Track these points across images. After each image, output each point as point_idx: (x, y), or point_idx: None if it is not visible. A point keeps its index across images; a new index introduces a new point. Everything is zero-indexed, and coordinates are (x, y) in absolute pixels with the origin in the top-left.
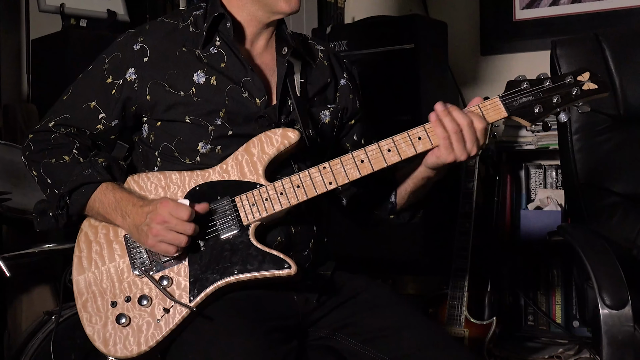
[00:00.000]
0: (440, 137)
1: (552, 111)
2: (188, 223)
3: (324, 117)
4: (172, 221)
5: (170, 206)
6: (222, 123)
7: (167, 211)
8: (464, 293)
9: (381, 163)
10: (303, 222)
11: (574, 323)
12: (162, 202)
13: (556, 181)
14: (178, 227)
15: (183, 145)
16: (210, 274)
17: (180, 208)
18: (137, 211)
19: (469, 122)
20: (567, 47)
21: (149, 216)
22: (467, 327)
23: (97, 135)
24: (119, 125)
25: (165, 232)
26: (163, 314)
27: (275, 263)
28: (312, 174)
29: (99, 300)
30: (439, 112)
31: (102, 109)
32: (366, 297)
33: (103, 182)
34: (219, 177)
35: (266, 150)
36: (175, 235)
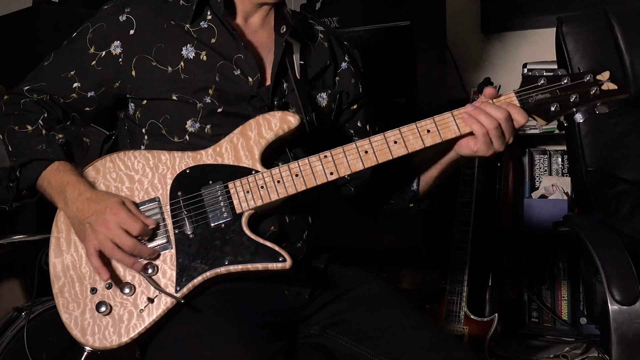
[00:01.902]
0: (478, 134)
1: (569, 110)
2: (132, 240)
3: (321, 100)
4: (115, 231)
5: (122, 215)
6: (211, 101)
7: (115, 219)
8: (463, 288)
9: (386, 155)
10: (298, 211)
11: (581, 320)
12: (114, 206)
13: (562, 168)
14: (122, 241)
15: (171, 123)
16: (199, 263)
17: (133, 221)
18: (82, 203)
19: (507, 115)
20: (574, 24)
21: (94, 216)
22: (466, 324)
23: (71, 105)
24: (95, 99)
25: (104, 240)
26: (147, 303)
27: (269, 255)
28: (312, 162)
29: (77, 285)
30: (469, 110)
31: (78, 78)
32: (360, 293)
33: (55, 160)
34: (211, 160)
35: (263, 134)
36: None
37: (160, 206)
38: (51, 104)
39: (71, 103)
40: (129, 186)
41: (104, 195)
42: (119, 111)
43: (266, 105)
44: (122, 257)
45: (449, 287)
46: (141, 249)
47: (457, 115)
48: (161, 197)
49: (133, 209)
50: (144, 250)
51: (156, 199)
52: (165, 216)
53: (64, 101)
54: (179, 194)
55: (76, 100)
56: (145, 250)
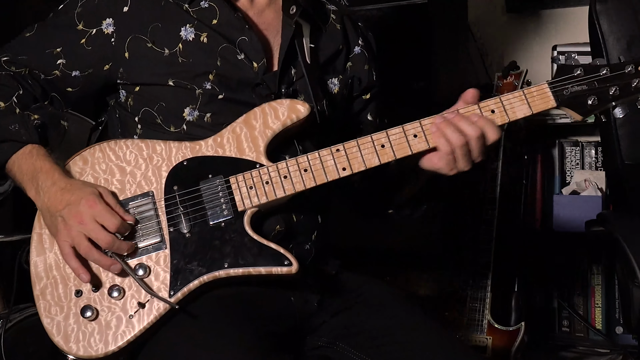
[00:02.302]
0: (442, 150)
1: (608, 104)
2: (109, 236)
3: (332, 86)
4: (90, 225)
5: (98, 208)
6: (211, 87)
7: (91, 213)
8: (486, 294)
9: (405, 150)
10: (306, 209)
11: (617, 329)
12: (89, 198)
13: (595, 161)
14: (97, 236)
15: (166, 111)
16: (195, 265)
17: (109, 215)
18: (55, 193)
19: (478, 134)
20: (609, 2)
21: (67, 208)
22: (490, 334)
23: (52, 83)
24: (80, 80)
25: (77, 235)
26: (137, 308)
27: (274, 258)
28: (323, 156)
29: (60, 287)
30: (438, 121)
31: (65, 55)
32: (375, 303)
33: (28, 143)
34: (211, 151)
35: (270, 124)
36: (83, 242)
37: (154, 201)
38: (30, 79)
39: (53, 81)
40: (120, 179)
41: (80, 185)
42: (108, 98)
43: (272, 93)
44: (98, 257)
45: (470, 293)
46: (119, 245)
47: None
48: (155, 192)
49: (111, 201)
50: (122, 247)
51: (149, 193)
52: (160, 212)
53: (44, 77)
54: (175, 188)
55: (58, 79)
56: (124, 246)
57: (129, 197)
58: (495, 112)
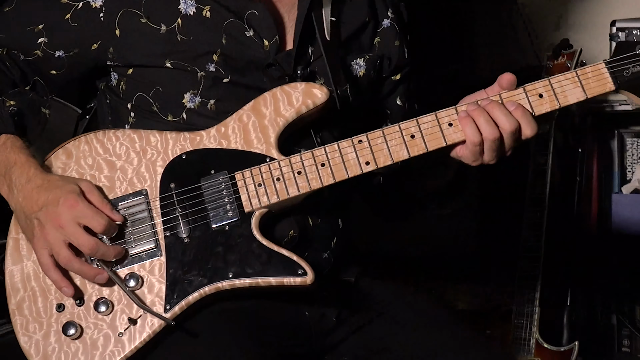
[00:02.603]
0: (470, 139)
1: None
2: (93, 240)
3: (357, 68)
4: (70, 229)
5: (79, 208)
6: (215, 69)
7: (71, 214)
8: (534, 309)
9: (438, 141)
10: (324, 211)
11: None
12: (69, 197)
13: None
14: (79, 242)
15: (163, 97)
16: (195, 275)
17: (93, 215)
18: (30, 191)
19: (514, 128)
20: None
21: (44, 209)
22: (538, 354)
23: (33, 65)
24: (64, 62)
25: (55, 241)
26: (127, 325)
27: (286, 267)
28: (343, 149)
29: (40, 300)
30: (470, 108)
31: (46, 32)
32: (402, 316)
33: (2, 133)
34: (214, 143)
35: (282, 111)
36: (62, 250)
37: (147, 201)
38: (7, 61)
39: (34, 62)
40: (109, 175)
41: (58, 182)
42: (98, 81)
43: (287, 75)
44: (80, 267)
45: (515, 308)
46: (105, 251)
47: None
48: (149, 190)
49: (96, 198)
50: (109, 253)
51: (142, 192)
52: (154, 214)
53: (24, 58)
54: (172, 186)
55: (40, 60)
56: (111, 252)
57: (118, 197)
58: (543, 96)
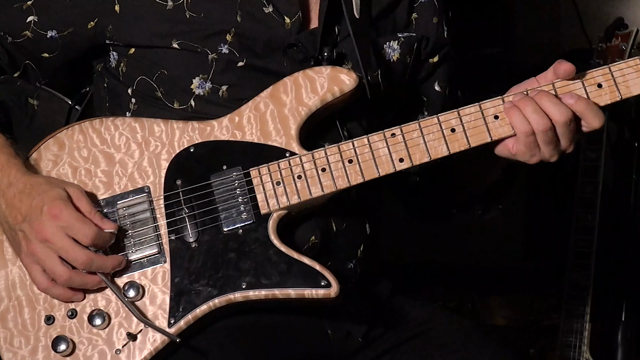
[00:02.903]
0: (518, 130)
1: None
2: (86, 253)
3: (391, 51)
4: (58, 242)
5: (64, 217)
6: (229, 50)
7: (56, 224)
8: (584, 324)
9: (482, 136)
10: (350, 215)
11: None
12: (53, 205)
13: None
14: (70, 256)
15: (169, 82)
16: (203, 285)
17: (81, 224)
18: (13, 198)
19: (568, 118)
20: None
21: (27, 220)
22: None
23: (22, 48)
24: (58, 43)
25: (46, 257)
26: (126, 341)
27: (307, 277)
28: (373, 143)
29: (26, 311)
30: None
31: (36, 10)
32: (437, 336)
33: None
34: (227, 135)
35: (304, 99)
36: (57, 267)
37: (150, 200)
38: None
39: (23, 45)
40: (106, 169)
41: (42, 186)
42: (94, 61)
43: (311, 57)
44: (83, 281)
45: (563, 324)
46: (101, 263)
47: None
48: (152, 187)
49: (84, 204)
50: (105, 264)
51: (145, 189)
52: (157, 215)
53: (12, 40)
54: (179, 183)
55: (30, 42)
56: (108, 263)
57: (117, 194)
58: (603, 86)
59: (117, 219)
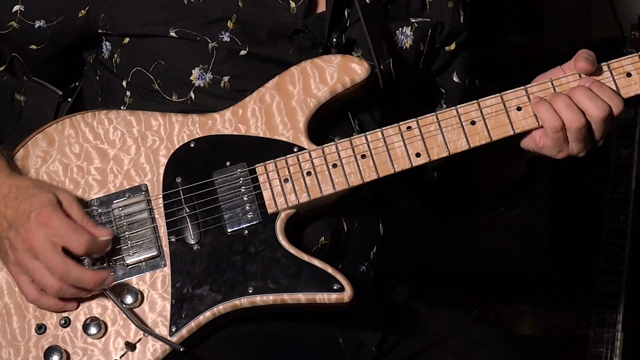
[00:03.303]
0: (548, 125)
1: None
2: (78, 268)
3: (404, 38)
4: (47, 254)
5: (54, 225)
6: (230, 38)
7: (45, 232)
8: (616, 333)
9: (504, 128)
10: (363, 214)
11: None
12: (41, 211)
13: None
14: (59, 270)
15: (167, 73)
16: (206, 290)
17: (72, 232)
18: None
19: (606, 113)
20: None
21: (13, 228)
22: None
23: (8, 40)
24: (46, 33)
25: (34, 268)
26: (125, 351)
27: (318, 281)
28: (388, 137)
29: (15, 320)
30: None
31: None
32: (458, 347)
33: None
34: (229, 128)
35: (313, 90)
36: (47, 276)
37: (147, 199)
38: None
39: (9, 36)
40: (100, 167)
41: (29, 190)
42: (85, 52)
43: (319, 43)
44: (76, 293)
45: (593, 334)
46: (95, 279)
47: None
48: (150, 185)
49: (75, 210)
50: (97, 279)
51: (142, 187)
52: (156, 215)
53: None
54: (178, 180)
55: (16, 33)
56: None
57: (112, 193)
58: (632, 75)
59: (112, 220)
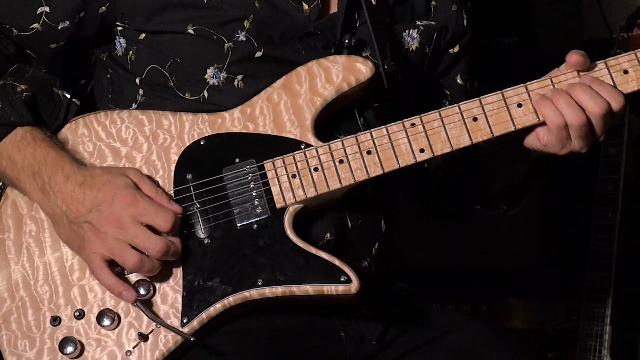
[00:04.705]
0: (552, 122)
1: None
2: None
3: (410, 40)
4: (133, 230)
5: (140, 205)
6: (247, 38)
7: (132, 212)
8: (604, 327)
9: (505, 124)
10: (366, 211)
11: None
12: (125, 193)
13: None
14: (148, 245)
15: (182, 70)
16: (217, 283)
17: (159, 210)
18: (72, 192)
19: (605, 110)
20: None
21: (96, 210)
22: None
23: (28, 40)
24: (68, 32)
25: (116, 244)
26: (137, 342)
27: (326, 272)
28: (392, 133)
29: (31, 313)
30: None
31: (46, 1)
32: (454, 341)
33: (18, 125)
34: (239, 126)
35: (319, 89)
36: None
37: None
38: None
39: (30, 38)
40: (113, 164)
41: (104, 176)
42: (97, 50)
43: (331, 44)
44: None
45: (583, 327)
46: (176, 249)
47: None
48: (161, 182)
49: (150, 188)
50: (178, 251)
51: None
52: None
53: (18, 34)
54: (189, 177)
55: (38, 35)
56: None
57: None
58: (629, 72)
59: None
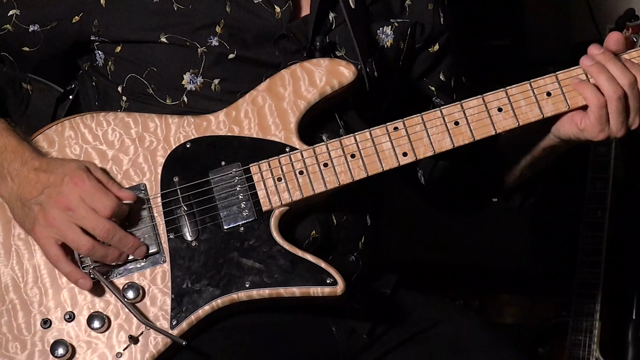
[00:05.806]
0: (592, 104)
1: None
2: (106, 221)
3: (384, 37)
4: (80, 211)
5: (86, 186)
6: (219, 42)
7: (78, 193)
8: (594, 322)
9: (487, 129)
10: (351, 208)
11: None
12: (75, 174)
13: None
14: (88, 223)
15: (159, 78)
16: (205, 285)
17: (102, 194)
18: (27, 176)
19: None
20: None
21: (46, 192)
22: None
23: (1, 40)
24: (40, 38)
25: (66, 227)
26: (128, 344)
27: (312, 275)
28: (375, 137)
29: (21, 315)
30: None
31: (18, 4)
32: (444, 333)
33: None
34: (224, 129)
35: (303, 92)
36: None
37: (147, 198)
38: None
39: (2, 38)
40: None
41: (59, 162)
42: (79, 60)
43: (303, 47)
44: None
45: (572, 322)
46: (123, 235)
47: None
48: (148, 185)
49: (101, 175)
50: (126, 240)
51: (140, 186)
52: (155, 213)
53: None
54: (176, 180)
55: (10, 35)
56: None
57: None
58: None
59: None
